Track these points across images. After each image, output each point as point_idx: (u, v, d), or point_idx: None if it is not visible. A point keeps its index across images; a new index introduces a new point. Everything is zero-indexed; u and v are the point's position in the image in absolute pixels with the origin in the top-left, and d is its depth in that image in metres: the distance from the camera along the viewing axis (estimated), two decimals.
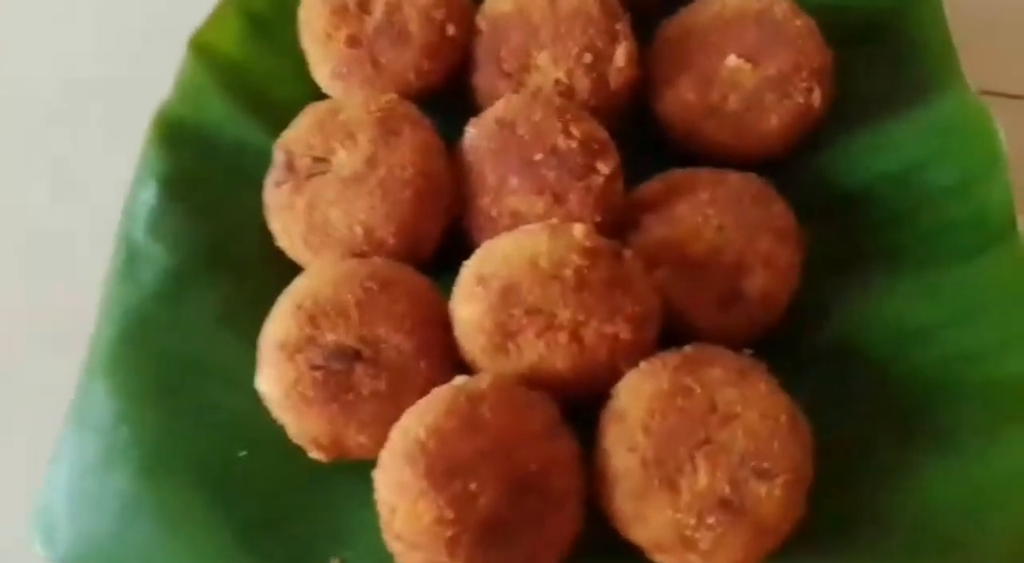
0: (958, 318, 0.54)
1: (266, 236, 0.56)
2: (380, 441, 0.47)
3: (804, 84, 0.56)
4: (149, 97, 0.59)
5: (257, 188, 0.57)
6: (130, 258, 0.56)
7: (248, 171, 0.59)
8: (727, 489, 0.45)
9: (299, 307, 0.50)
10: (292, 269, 0.55)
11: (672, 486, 0.46)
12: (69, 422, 0.53)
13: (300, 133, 0.55)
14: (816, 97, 0.56)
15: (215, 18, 0.61)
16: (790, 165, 0.59)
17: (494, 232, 0.53)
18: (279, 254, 0.56)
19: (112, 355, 0.54)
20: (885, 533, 0.49)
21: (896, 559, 0.48)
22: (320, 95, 0.60)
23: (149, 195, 0.57)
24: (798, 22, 0.57)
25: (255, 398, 0.51)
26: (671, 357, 0.48)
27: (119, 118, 0.61)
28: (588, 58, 0.56)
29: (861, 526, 0.49)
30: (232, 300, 0.56)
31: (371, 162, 0.53)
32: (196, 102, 0.60)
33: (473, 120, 0.55)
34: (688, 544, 0.45)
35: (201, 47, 0.61)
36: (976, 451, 0.50)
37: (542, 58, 0.56)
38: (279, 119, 0.58)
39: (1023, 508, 0.49)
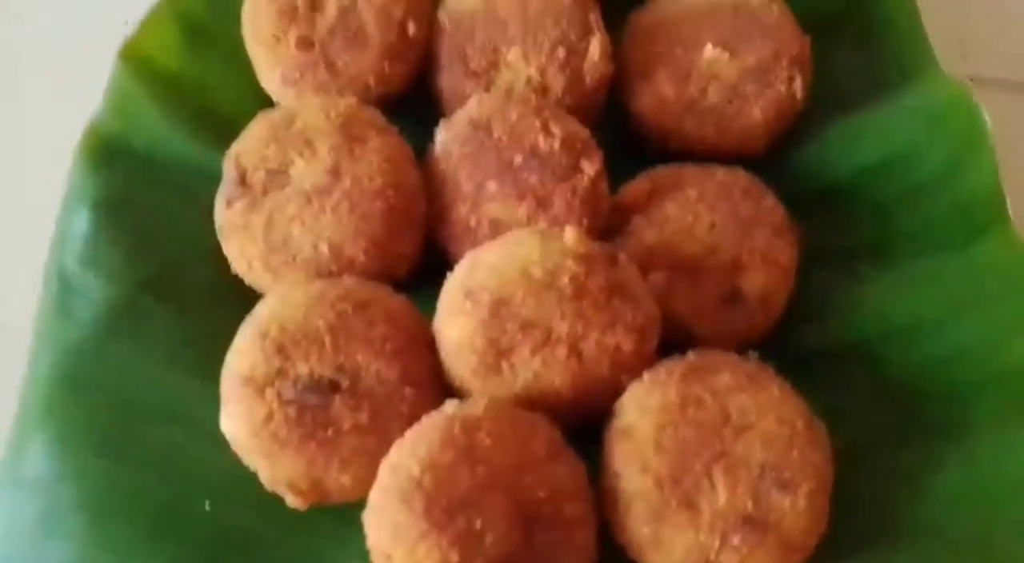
0: (953, 311, 0.52)
1: (218, 261, 0.51)
2: (365, 480, 0.43)
3: (785, 73, 0.54)
4: None
5: (204, 208, 0.52)
6: (63, 292, 0.51)
7: (193, 190, 0.54)
8: (749, 504, 0.42)
9: (265, 336, 0.45)
10: (251, 296, 0.50)
11: (691, 506, 0.42)
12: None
13: (252, 144, 0.50)
14: (797, 86, 0.54)
15: (148, 25, 0.56)
16: (770, 160, 0.57)
17: (473, 242, 0.49)
18: (234, 280, 0.51)
19: (48, 403, 0.48)
20: (907, 538, 0.47)
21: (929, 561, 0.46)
22: (269, 103, 0.55)
23: (82, 221, 0.52)
24: (774, 9, 0.55)
25: (217, 442, 0.46)
26: (675, 365, 0.45)
27: None
28: (561, 53, 0.52)
29: (882, 533, 0.47)
30: (183, 334, 0.51)
31: (334, 173, 0.49)
32: (130, 117, 0.54)
33: (443, 123, 0.51)
34: None
35: (133, 57, 0.55)
36: (986, 448, 0.48)
37: (512, 55, 0.53)
38: (225, 132, 0.53)
39: None
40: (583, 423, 0.46)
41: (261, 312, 0.46)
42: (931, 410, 0.50)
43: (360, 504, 0.43)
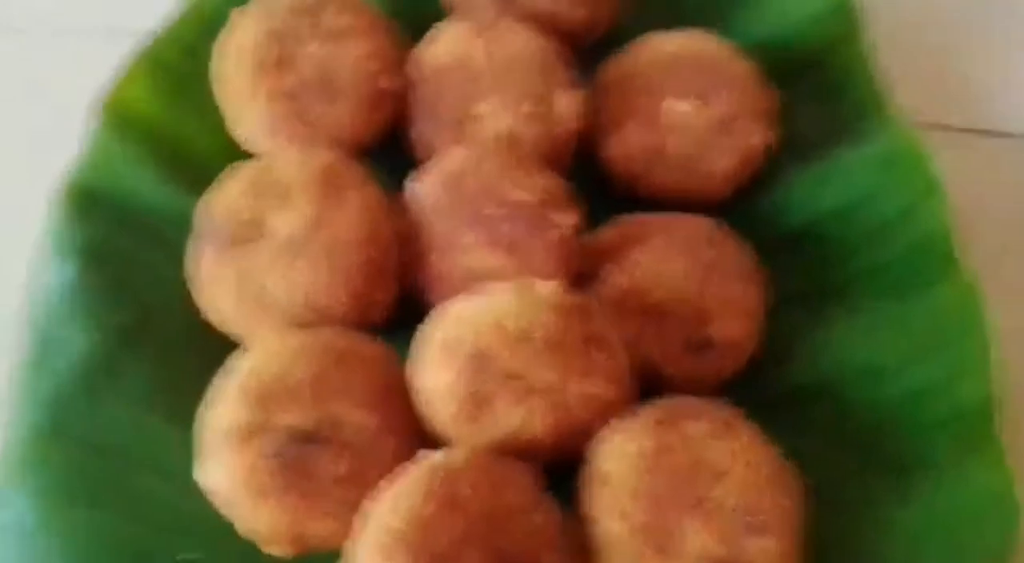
0: (912, 352, 0.54)
1: (193, 307, 0.51)
2: (346, 530, 0.43)
3: (751, 125, 0.56)
4: None
5: (179, 255, 0.52)
6: (41, 343, 0.50)
7: (168, 238, 0.54)
8: (723, 548, 0.43)
9: (245, 390, 0.45)
10: (226, 341, 0.50)
11: (666, 551, 0.43)
12: None
13: (227, 196, 0.51)
14: (762, 138, 0.56)
15: (126, 76, 0.56)
16: (736, 205, 0.58)
17: (448, 289, 0.50)
18: (209, 329, 0.51)
19: (28, 454, 0.48)
20: None
21: None
22: (245, 154, 0.55)
23: (58, 271, 0.52)
24: (742, 63, 0.57)
25: (194, 488, 0.46)
26: (651, 412, 0.46)
27: None
28: (533, 105, 0.54)
29: None
30: (159, 380, 0.51)
31: (310, 224, 0.50)
32: (107, 167, 0.55)
33: (418, 174, 0.52)
34: None
35: (112, 107, 0.55)
36: (944, 484, 0.50)
37: (484, 107, 0.54)
38: (200, 182, 0.53)
39: (991, 540, 0.49)
40: (559, 466, 0.47)
41: (241, 366, 0.47)
42: (890, 449, 0.52)
43: (340, 553, 0.43)
